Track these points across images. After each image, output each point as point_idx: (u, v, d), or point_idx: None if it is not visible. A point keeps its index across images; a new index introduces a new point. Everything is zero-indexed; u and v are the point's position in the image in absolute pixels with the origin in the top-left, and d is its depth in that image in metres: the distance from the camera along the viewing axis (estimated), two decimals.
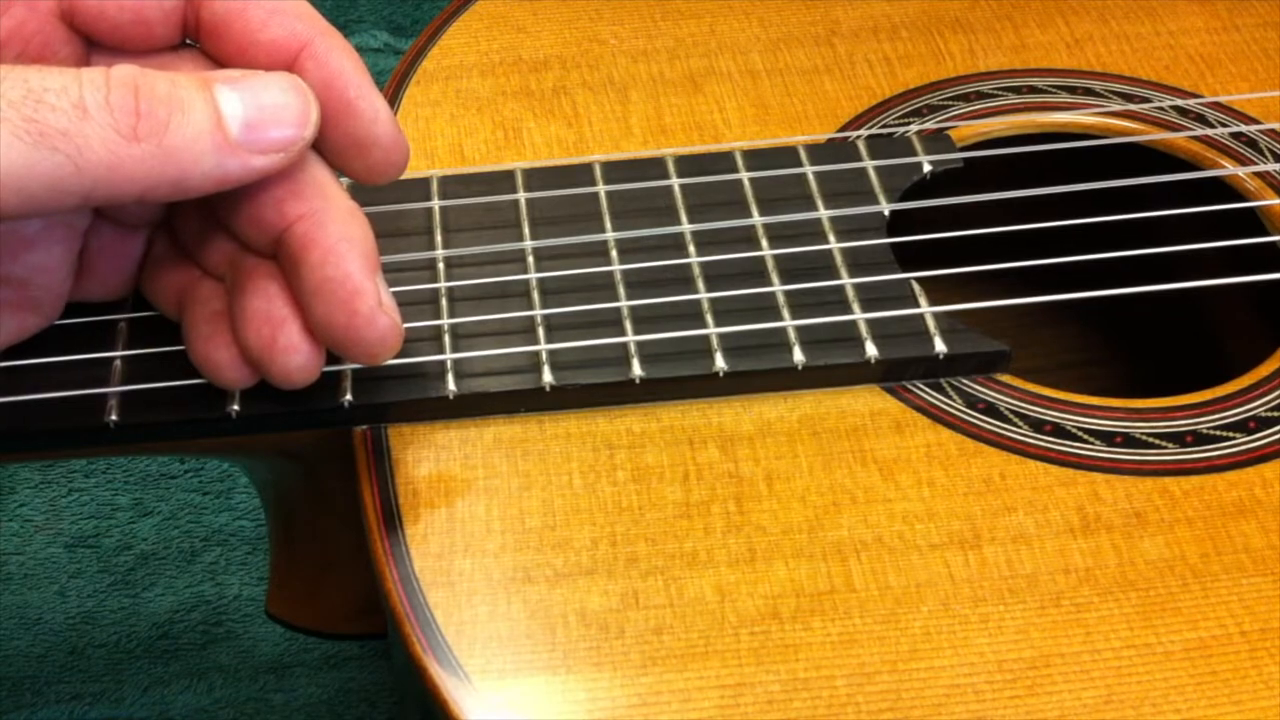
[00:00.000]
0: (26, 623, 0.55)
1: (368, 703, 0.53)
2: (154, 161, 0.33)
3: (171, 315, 0.39)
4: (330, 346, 0.36)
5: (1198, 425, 0.40)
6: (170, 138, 0.33)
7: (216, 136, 0.34)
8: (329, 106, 0.36)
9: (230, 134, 0.34)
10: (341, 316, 0.35)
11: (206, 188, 0.34)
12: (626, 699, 0.34)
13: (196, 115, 0.34)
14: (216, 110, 0.34)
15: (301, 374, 0.36)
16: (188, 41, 0.38)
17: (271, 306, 0.36)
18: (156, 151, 0.33)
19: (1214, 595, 0.37)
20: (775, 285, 0.41)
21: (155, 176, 0.33)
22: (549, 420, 0.39)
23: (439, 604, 0.36)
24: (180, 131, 0.33)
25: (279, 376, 0.36)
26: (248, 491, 0.59)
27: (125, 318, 0.40)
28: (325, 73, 0.36)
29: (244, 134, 0.34)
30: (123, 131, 0.33)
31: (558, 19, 0.51)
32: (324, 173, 0.37)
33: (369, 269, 0.36)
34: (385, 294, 0.36)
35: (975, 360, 0.41)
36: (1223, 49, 0.51)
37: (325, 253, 0.35)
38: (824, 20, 0.51)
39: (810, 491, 0.38)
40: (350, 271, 0.35)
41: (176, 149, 0.33)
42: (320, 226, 0.36)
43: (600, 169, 0.44)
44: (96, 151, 0.32)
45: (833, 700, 0.34)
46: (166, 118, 0.33)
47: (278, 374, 0.36)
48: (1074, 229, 0.43)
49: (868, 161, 0.45)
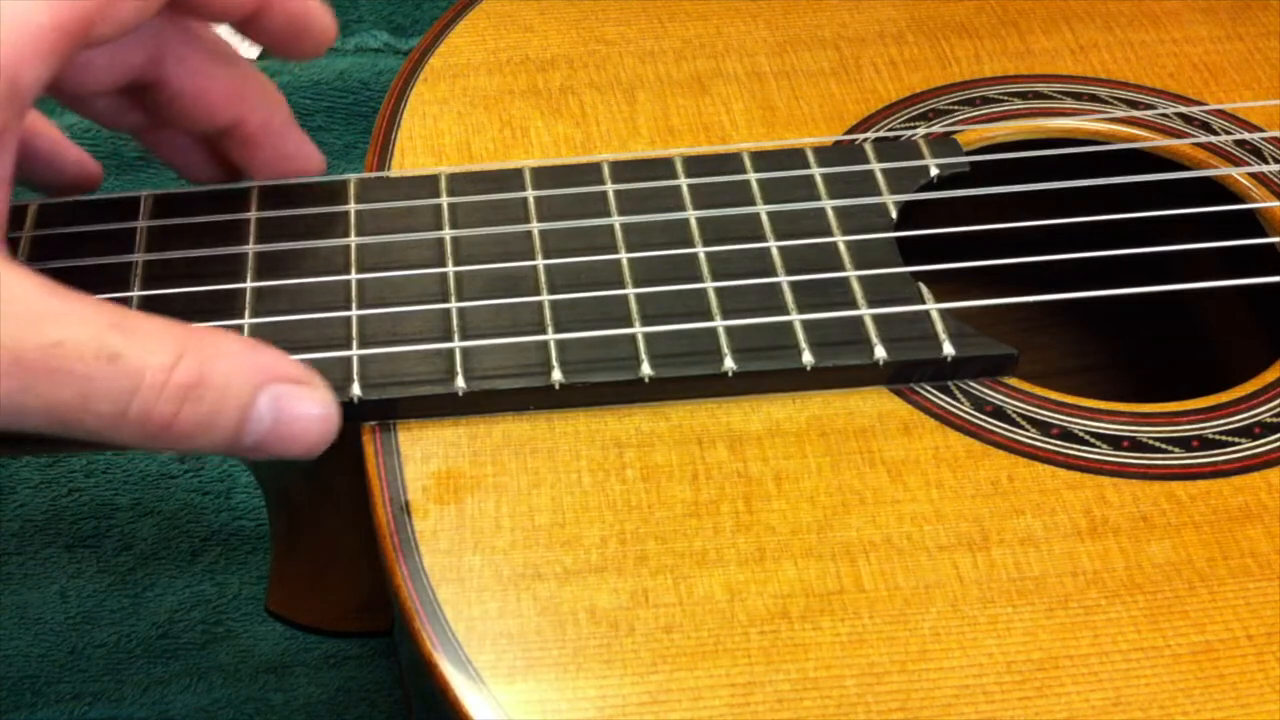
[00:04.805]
0: (26, 623, 0.55)
1: (368, 702, 0.53)
2: (147, 443, 0.34)
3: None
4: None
5: (1204, 430, 0.40)
6: (183, 443, 0.34)
7: (226, 440, 0.34)
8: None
9: (241, 441, 0.35)
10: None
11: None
12: (637, 697, 0.34)
13: (219, 432, 0.34)
14: (245, 423, 0.34)
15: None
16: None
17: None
18: (159, 440, 0.34)
19: (1220, 599, 0.37)
20: (783, 284, 0.41)
21: (132, 446, 0.34)
22: (558, 418, 0.39)
23: (449, 600, 0.35)
24: (195, 440, 0.34)
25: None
26: (248, 491, 0.59)
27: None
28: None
29: (252, 443, 0.35)
30: (145, 435, 0.33)
31: (565, 19, 0.51)
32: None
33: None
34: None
35: (982, 363, 0.41)
36: (1226, 57, 0.51)
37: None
38: (830, 23, 0.52)
39: (819, 492, 0.38)
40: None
41: (177, 441, 0.34)
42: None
43: (609, 168, 0.44)
44: (100, 434, 0.33)
45: (843, 700, 0.34)
46: (193, 433, 0.34)
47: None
48: (1077, 234, 0.43)
49: (875, 164, 0.45)
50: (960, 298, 0.42)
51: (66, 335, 0.32)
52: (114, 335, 0.33)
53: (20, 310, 0.32)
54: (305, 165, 0.44)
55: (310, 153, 0.44)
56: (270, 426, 0.35)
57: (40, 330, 0.32)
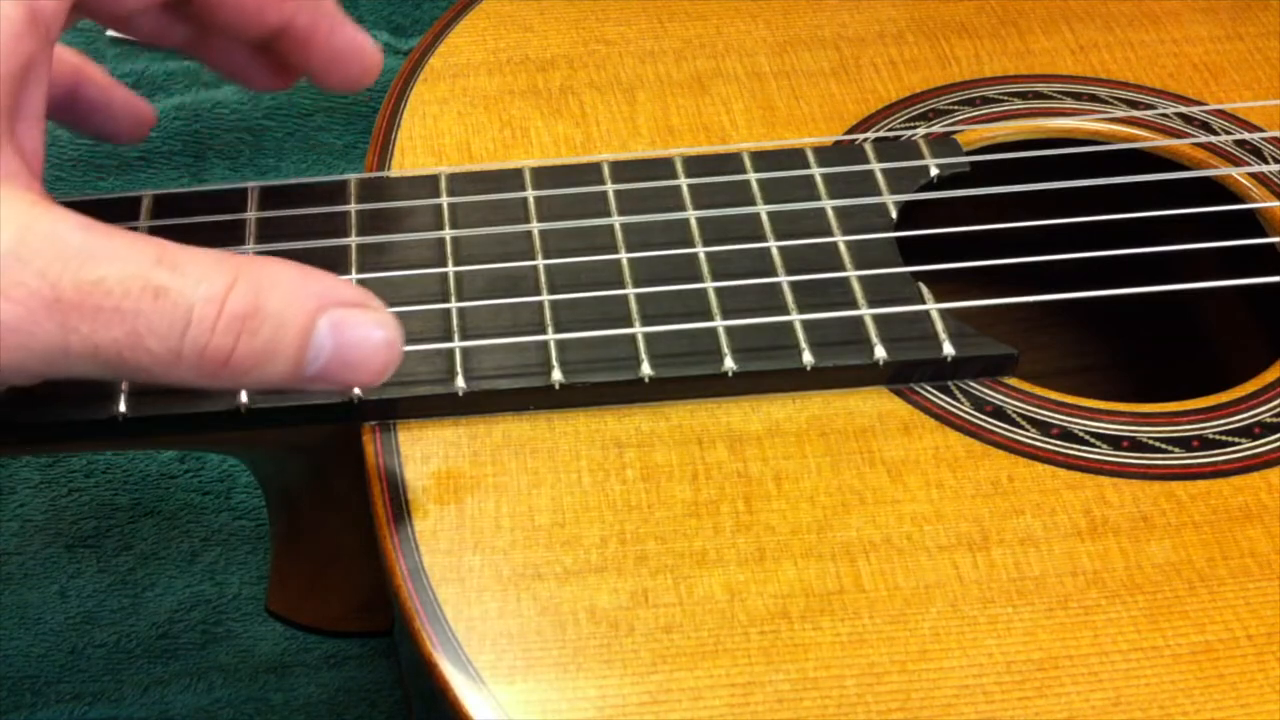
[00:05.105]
0: (26, 623, 0.55)
1: (368, 702, 0.53)
2: (205, 380, 0.32)
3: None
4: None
5: (1204, 430, 0.40)
6: (242, 378, 0.32)
7: (286, 372, 0.33)
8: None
9: (302, 372, 0.33)
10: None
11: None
12: (637, 696, 0.34)
13: (279, 364, 0.32)
14: (304, 351, 0.32)
15: None
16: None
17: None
18: (218, 377, 0.32)
19: (1220, 599, 0.37)
20: (783, 284, 0.41)
21: (188, 384, 0.32)
22: (558, 418, 0.39)
23: (449, 600, 0.35)
24: (254, 374, 0.32)
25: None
26: (248, 491, 0.59)
27: None
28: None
29: (314, 374, 0.33)
30: (203, 374, 0.32)
31: (565, 19, 0.51)
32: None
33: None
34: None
35: (982, 363, 0.41)
36: (1226, 57, 0.51)
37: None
38: (830, 23, 0.52)
39: (819, 492, 0.38)
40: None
41: (236, 377, 0.32)
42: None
43: (609, 168, 0.44)
44: (153, 372, 0.31)
45: (843, 699, 0.34)
46: (252, 366, 0.32)
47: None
48: (1077, 234, 0.43)
49: (875, 164, 0.45)
50: (960, 298, 0.42)
51: (108, 272, 0.30)
52: (159, 270, 0.31)
53: (57, 249, 0.30)
54: (361, 59, 0.42)
55: (365, 44, 0.42)
56: (332, 353, 0.33)
57: (80, 268, 0.30)
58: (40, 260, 0.30)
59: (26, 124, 0.34)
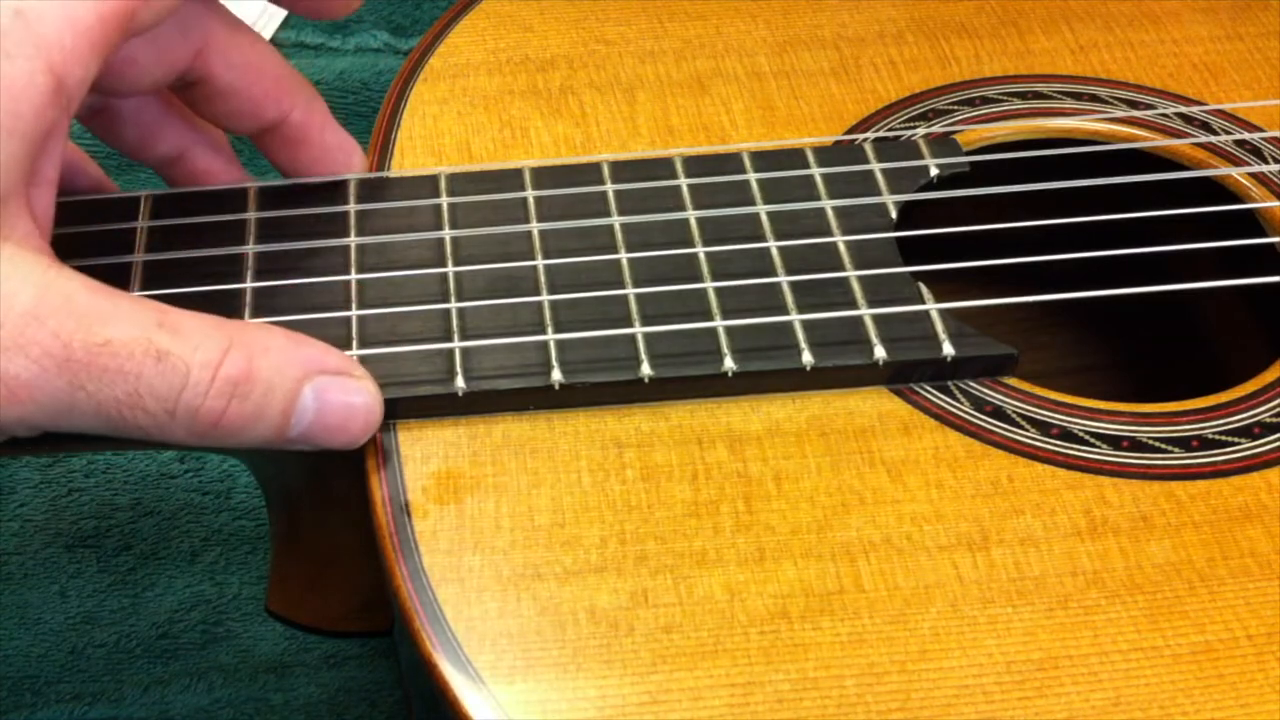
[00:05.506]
0: (26, 623, 0.55)
1: (368, 702, 0.53)
2: (194, 439, 0.35)
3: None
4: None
5: (1203, 430, 0.40)
6: (229, 438, 0.35)
7: (271, 433, 0.35)
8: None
9: (286, 434, 0.36)
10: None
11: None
12: (636, 697, 0.34)
13: (265, 426, 0.35)
14: (290, 415, 0.35)
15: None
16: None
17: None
18: (207, 436, 0.35)
19: (1220, 599, 0.37)
20: (783, 284, 0.41)
21: (179, 442, 0.35)
22: (558, 418, 0.39)
23: (448, 600, 0.35)
24: (241, 435, 0.35)
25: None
26: (248, 491, 0.59)
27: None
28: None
29: (296, 435, 0.36)
30: (194, 433, 0.34)
31: (565, 19, 0.51)
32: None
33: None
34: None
35: (982, 363, 0.41)
36: (1226, 57, 0.51)
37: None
38: (830, 23, 0.52)
39: (819, 492, 0.38)
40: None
41: (224, 437, 0.35)
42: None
43: (609, 168, 0.44)
44: (148, 430, 0.34)
45: (842, 700, 0.34)
46: (240, 428, 0.34)
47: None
48: (1077, 234, 0.43)
49: (875, 164, 0.45)
50: (960, 298, 0.42)
51: (115, 334, 0.33)
52: (161, 333, 0.33)
53: (69, 310, 0.33)
54: (347, 159, 0.44)
55: (351, 145, 0.44)
56: (314, 418, 0.35)
57: (89, 330, 0.33)
58: (55, 320, 0.32)
59: (40, 189, 0.36)
